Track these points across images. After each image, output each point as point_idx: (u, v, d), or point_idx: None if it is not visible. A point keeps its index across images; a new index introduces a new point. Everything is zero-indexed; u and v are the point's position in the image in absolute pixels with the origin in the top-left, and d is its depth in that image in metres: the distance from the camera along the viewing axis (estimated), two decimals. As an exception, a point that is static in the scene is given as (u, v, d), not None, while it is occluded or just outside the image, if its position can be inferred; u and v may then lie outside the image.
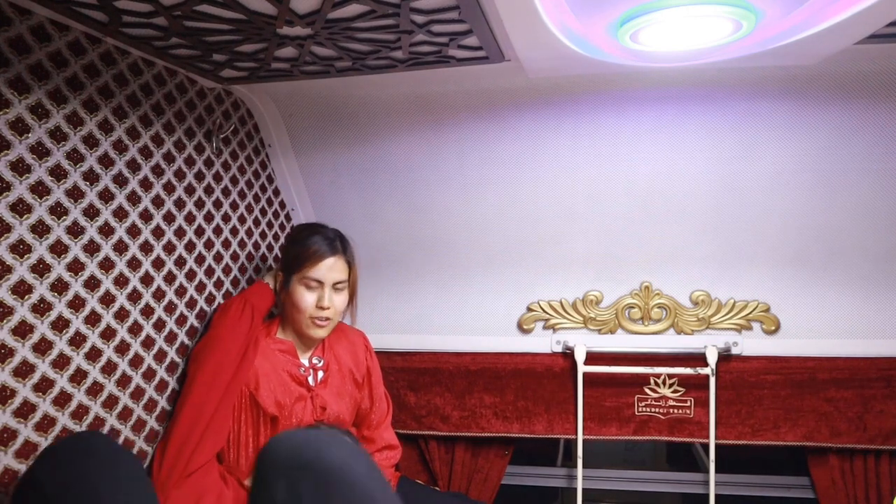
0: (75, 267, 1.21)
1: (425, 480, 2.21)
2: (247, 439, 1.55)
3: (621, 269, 2.03)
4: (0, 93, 1.04)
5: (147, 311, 1.42)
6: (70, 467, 1.00)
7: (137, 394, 1.39)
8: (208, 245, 1.65)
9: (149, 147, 1.41)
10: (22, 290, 1.10)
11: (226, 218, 1.72)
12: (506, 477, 2.22)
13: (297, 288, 1.61)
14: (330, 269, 1.61)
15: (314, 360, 1.70)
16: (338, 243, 1.65)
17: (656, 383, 2.05)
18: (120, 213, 1.32)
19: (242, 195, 1.81)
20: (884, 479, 2.00)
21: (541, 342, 2.10)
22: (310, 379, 1.66)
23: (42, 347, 1.15)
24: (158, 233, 1.45)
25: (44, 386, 1.15)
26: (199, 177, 1.60)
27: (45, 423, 1.16)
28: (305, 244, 1.63)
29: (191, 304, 1.58)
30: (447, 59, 1.37)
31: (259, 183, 1.90)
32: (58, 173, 1.16)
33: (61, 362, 1.19)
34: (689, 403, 2.04)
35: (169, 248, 1.49)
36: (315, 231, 1.66)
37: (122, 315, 1.34)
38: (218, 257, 1.69)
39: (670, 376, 2.03)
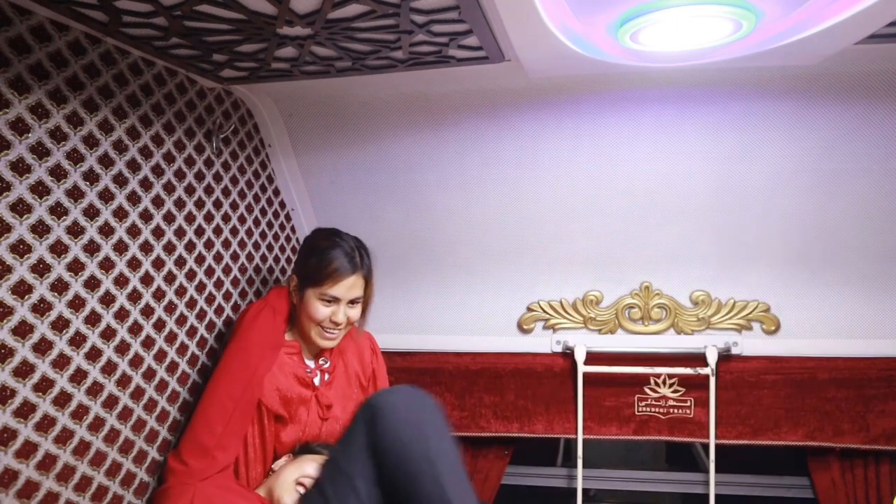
0: (75, 267, 1.21)
1: (425, 480, 2.20)
2: (252, 439, 1.55)
3: (621, 269, 2.03)
4: (0, 93, 1.04)
5: (147, 312, 1.42)
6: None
7: (137, 394, 1.39)
8: (208, 245, 1.65)
9: (149, 147, 1.41)
10: (22, 290, 1.10)
11: (226, 218, 1.72)
12: (506, 477, 2.22)
13: (312, 301, 1.59)
14: (349, 288, 1.60)
15: (321, 362, 1.71)
16: (357, 259, 1.62)
17: (656, 383, 2.05)
18: (120, 213, 1.32)
19: (242, 195, 1.81)
20: (884, 479, 2.00)
21: (541, 342, 2.10)
22: (315, 380, 1.67)
23: (42, 347, 1.15)
24: (158, 233, 1.45)
25: (44, 386, 1.15)
26: (199, 177, 1.60)
27: (45, 423, 1.16)
28: (325, 258, 1.59)
29: (191, 304, 1.58)
30: (447, 59, 1.37)
31: (259, 183, 1.90)
32: (58, 173, 1.16)
33: (61, 362, 1.19)
34: (689, 403, 2.04)
35: (169, 248, 1.49)
36: (335, 244, 1.62)
37: (122, 315, 1.34)
38: (218, 257, 1.69)
39: (670, 376, 2.03)
